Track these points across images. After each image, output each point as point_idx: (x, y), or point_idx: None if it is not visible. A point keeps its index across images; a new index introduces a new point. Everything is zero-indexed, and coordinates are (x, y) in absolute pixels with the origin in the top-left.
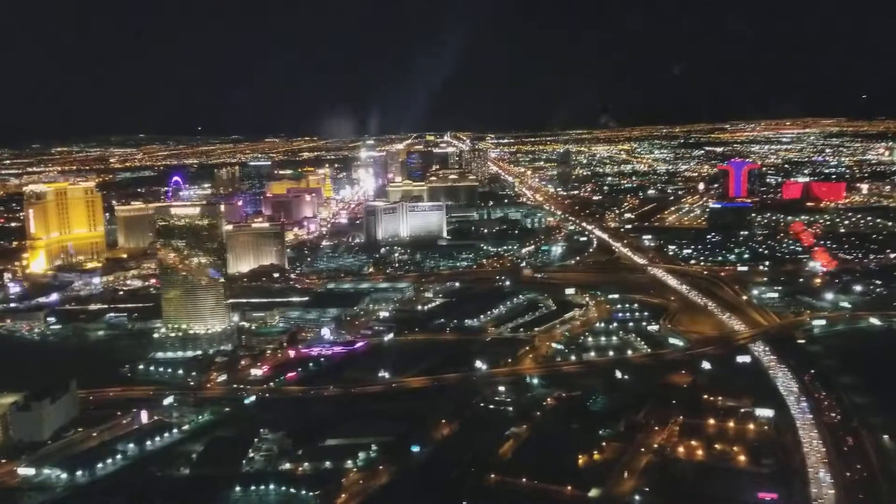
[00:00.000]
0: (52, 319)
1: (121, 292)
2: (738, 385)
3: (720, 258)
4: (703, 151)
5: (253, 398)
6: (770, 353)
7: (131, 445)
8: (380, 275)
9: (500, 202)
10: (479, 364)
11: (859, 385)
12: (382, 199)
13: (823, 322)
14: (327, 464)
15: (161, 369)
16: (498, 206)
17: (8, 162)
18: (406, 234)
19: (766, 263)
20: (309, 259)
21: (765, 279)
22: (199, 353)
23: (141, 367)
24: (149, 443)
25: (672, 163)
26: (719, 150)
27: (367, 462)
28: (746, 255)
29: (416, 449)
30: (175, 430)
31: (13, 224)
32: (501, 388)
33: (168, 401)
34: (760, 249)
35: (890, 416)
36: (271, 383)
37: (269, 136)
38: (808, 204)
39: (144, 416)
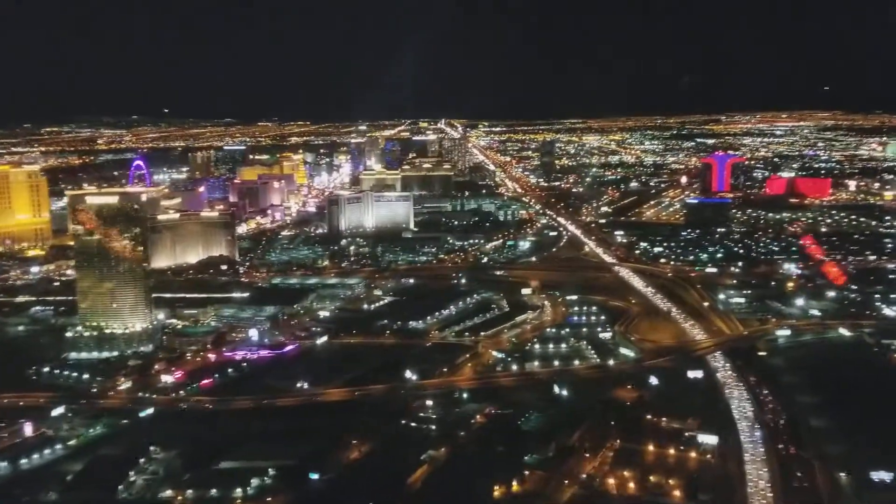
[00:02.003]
0: None
1: (56, 283)
2: (687, 404)
3: (692, 257)
4: (693, 143)
5: (150, 410)
6: (727, 368)
7: (3, 464)
8: (334, 269)
9: (476, 193)
10: (410, 374)
11: (820, 407)
12: (357, 187)
13: (788, 332)
14: (213, 492)
15: (67, 373)
16: (473, 198)
17: None
18: (371, 225)
19: (740, 264)
20: (262, 250)
21: (734, 282)
22: (115, 354)
23: (46, 369)
24: (25, 460)
25: (661, 154)
26: (711, 142)
27: (259, 491)
28: (720, 255)
29: (314, 476)
30: (59, 446)
31: None
32: (429, 403)
33: (58, 411)
34: (736, 248)
35: (849, 446)
36: (181, 391)
37: (262, 119)
38: (792, 200)
39: (29, 429)
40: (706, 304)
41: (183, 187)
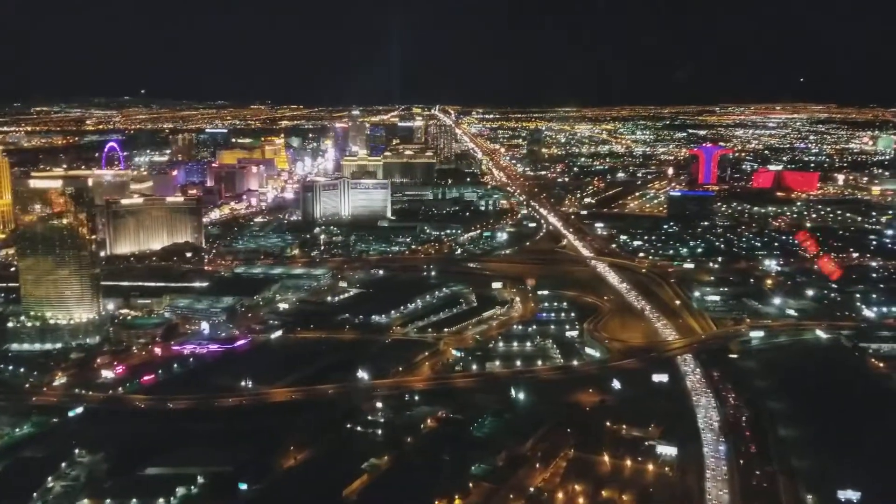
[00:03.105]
0: None
1: (13, 269)
2: (650, 411)
3: (672, 251)
4: (685, 134)
5: (80, 409)
6: (696, 371)
7: None
8: (303, 258)
9: (460, 181)
10: (364, 373)
11: (790, 415)
12: (337, 173)
13: (762, 333)
14: (134, 501)
15: (3, 366)
16: (455, 186)
17: None
18: (347, 213)
19: (720, 260)
20: (231, 238)
21: (712, 278)
22: (59, 346)
23: None
24: None
25: (651, 145)
26: (703, 133)
27: (183, 501)
28: (700, 250)
29: (243, 487)
30: None
31: None
32: (379, 405)
33: None
34: (717, 243)
35: (818, 460)
36: (120, 388)
37: (255, 102)
38: (779, 194)
39: None
40: (680, 301)
41: (156, 170)
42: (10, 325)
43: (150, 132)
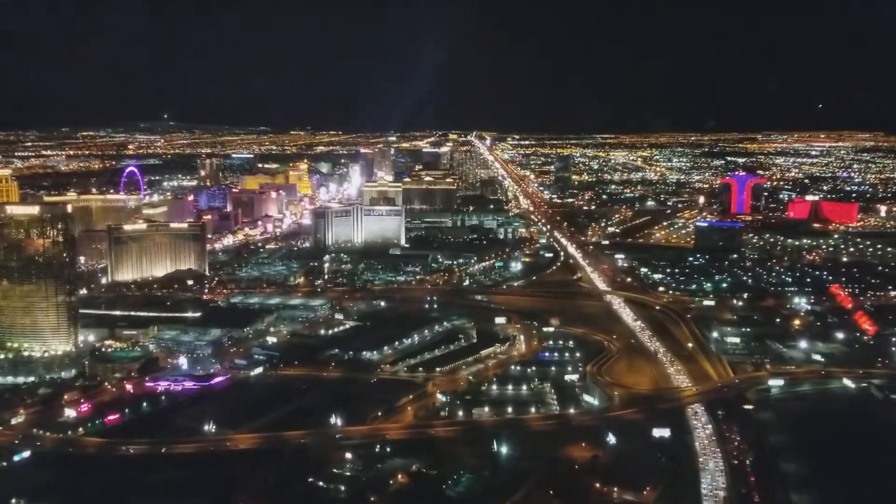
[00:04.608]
0: None
1: None
2: (648, 471)
3: (695, 286)
4: (723, 162)
5: (26, 453)
6: (706, 424)
7: None
8: (306, 287)
9: (482, 208)
10: (339, 417)
11: (808, 481)
12: (354, 199)
13: (782, 381)
14: None
15: None
16: (475, 213)
17: (30, 144)
18: (360, 240)
19: (745, 296)
20: (236, 265)
21: (734, 317)
22: (31, 380)
23: None
24: None
25: (686, 172)
26: (741, 160)
27: None
28: (725, 285)
29: None
30: None
31: None
32: (348, 455)
33: None
34: (745, 278)
35: None
36: (81, 429)
37: (295, 128)
38: (815, 225)
39: None
40: (697, 342)
41: (174, 196)
42: None
43: (186, 157)
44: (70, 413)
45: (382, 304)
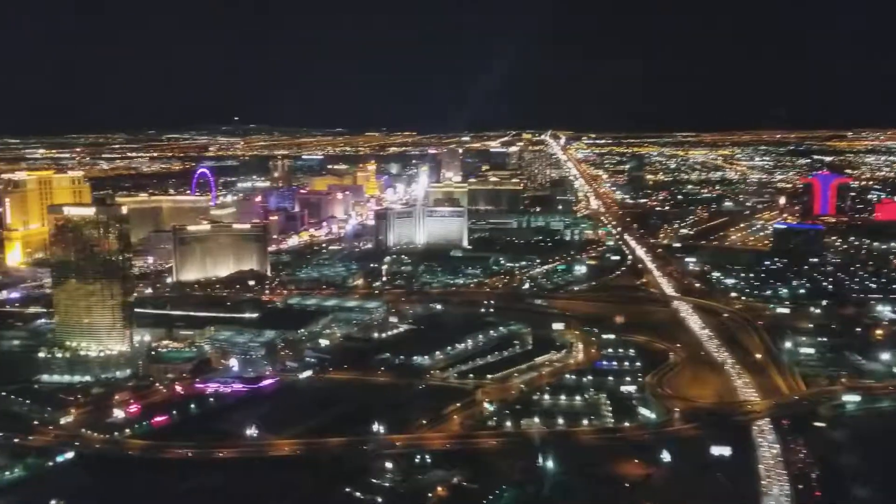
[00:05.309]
0: None
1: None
2: (704, 493)
3: (770, 292)
4: (809, 160)
5: (70, 454)
6: (772, 443)
7: None
8: (364, 289)
9: (549, 209)
10: (383, 424)
11: None
12: (426, 200)
13: (859, 397)
14: None
15: (23, 399)
16: (542, 214)
17: (117, 146)
18: (422, 241)
19: (824, 303)
20: (299, 265)
21: (810, 326)
22: (87, 379)
23: (2, 392)
24: None
25: (769, 171)
26: (828, 159)
27: None
28: (803, 290)
29: None
30: None
31: None
32: (388, 465)
33: None
34: (824, 283)
35: None
36: (128, 430)
37: (370, 129)
38: None
39: None
40: (768, 352)
41: (243, 197)
42: (40, 354)
43: (262, 158)
44: (119, 414)
45: (438, 307)
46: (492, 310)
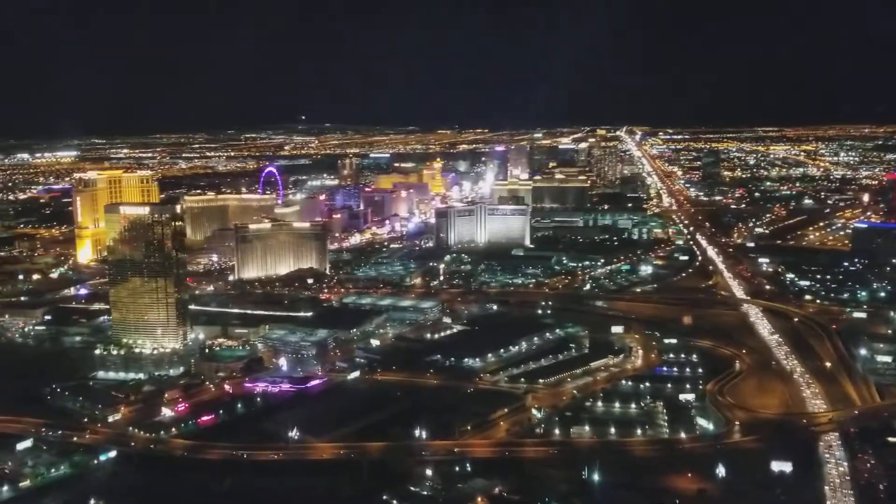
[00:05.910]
0: (48, 318)
1: None
2: None
3: (847, 295)
4: None
5: (113, 453)
6: (839, 459)
7: None
8: (420, 288)
9: (619, 207)
10: (426, 430)
11: None
12: (491, 198)
13: None
14: None
15: (75, 395)
16: (609, 212)
17: (196, 146)
18: (483, 240)
19: None
20: (358, 264)
21: (888, 332)
22: (141, 376)
23: (58, 389)
24: None
25: (854, 168)
26: None
27: None
28: (884, 294)
29: None
30: (5, 488)
31: None
32: (429, 472)
33: (24, 445)
34: None
35: None
36: (174, 429)
37: (442, 127)
38: None
39: None
40: (841, 360)
41: (308, 195)
42: (96, 351)
43: (334, 157)
44: (167, 412)
45: (494, 307)
46: (549, 311)
